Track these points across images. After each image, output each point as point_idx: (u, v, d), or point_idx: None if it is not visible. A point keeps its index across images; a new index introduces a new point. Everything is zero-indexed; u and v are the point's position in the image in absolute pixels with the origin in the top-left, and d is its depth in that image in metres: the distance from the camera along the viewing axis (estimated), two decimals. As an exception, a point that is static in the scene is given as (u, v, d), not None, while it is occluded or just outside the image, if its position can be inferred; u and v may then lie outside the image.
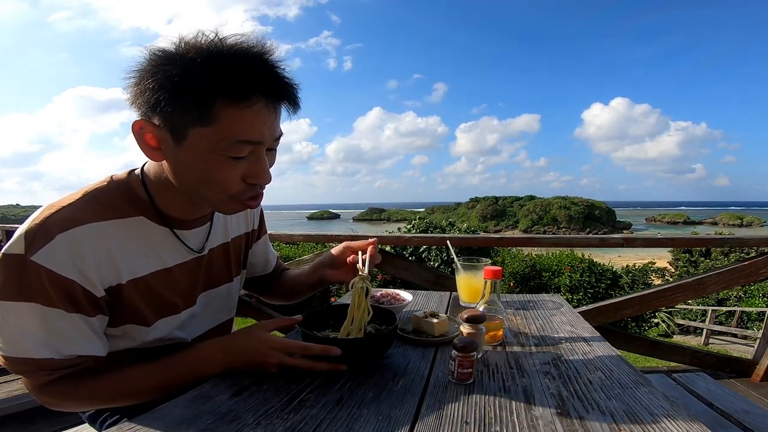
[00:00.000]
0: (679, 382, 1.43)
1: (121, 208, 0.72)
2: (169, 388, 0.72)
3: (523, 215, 73.92)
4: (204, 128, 0.64)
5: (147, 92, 0.64)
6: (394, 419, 0.60)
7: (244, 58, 0.64)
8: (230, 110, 0.64)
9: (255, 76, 0.65)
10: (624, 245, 2.45)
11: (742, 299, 8.72)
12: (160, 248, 0.77)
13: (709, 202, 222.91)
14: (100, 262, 0.67)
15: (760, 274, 2.28)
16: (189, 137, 0.66)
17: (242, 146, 0.67)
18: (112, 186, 0.74)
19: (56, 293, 0.63)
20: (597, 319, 2.31)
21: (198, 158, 0.67)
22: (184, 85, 0.63)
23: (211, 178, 0.69)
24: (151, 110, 0.66)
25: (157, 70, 0.63)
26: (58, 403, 0.70)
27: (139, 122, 0.67)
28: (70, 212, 0.67)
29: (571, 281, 6.08)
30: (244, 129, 0.66)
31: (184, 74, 0.62)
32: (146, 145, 0.68)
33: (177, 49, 0.64)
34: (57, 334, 0.65)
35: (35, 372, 0.67)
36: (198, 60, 0.62)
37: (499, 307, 0.90)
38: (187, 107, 0.64)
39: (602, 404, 0.64)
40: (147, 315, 0.75)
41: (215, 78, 0.63)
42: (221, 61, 0.63)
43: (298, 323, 0.82)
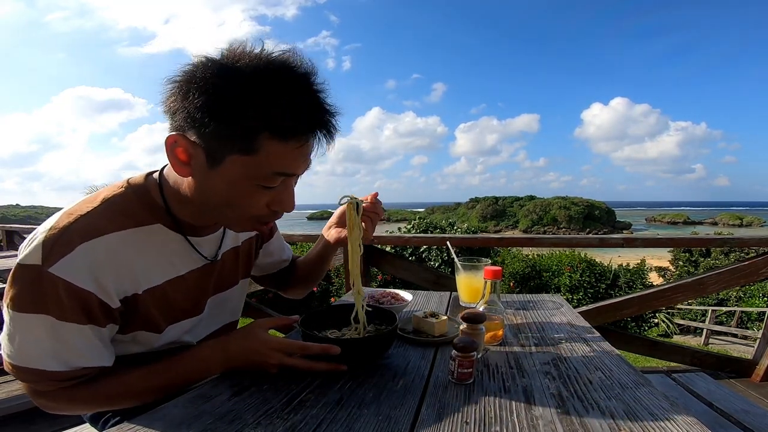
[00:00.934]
0: (679, 382, 1.43)
1: (139, 216, 0.71)
2: (169, 389, 0.72)
3: (523, 215, 73.92)
4: (243, 156, 0.63)
5: (191, 108, 0.62)
6: (394, 419, 0.60)
7: (295, 93, 0.63)
8: (274, 144, 0.63)
9: (304, 114, 0.63)
10: (624, 245, 2.45)
11: (742, 299, 8.72)
12: (175, 255, 0.76)
13: (709, 202, 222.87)
14: (118, 273, 0.66)
15: (760, 274, 2.28)
16: (225, 163, 0.64)
17: (277, 177, 0.67)
18: (129, 192, 0.72)
19: (71, 305, 0.62)
20: (597, 319, 2.32)
21: (229, 183, 0.66)
22: (233, 114, 0.61)
23: (237, 203, 0.68)
24: (189, 126, 0.63)
25: (206, 89, 0.61)
26: (56, 407, 0.70)
27: (174, 137, 0.64)
28: (90, 221, 0.65)
29: (571, 281, 6.08)
30: (284, 163, 0.65)
31: (235, 103, 0.61)
32: (176, 158, 0.66)
33: (228, 69, 0.62)
34: (67, 346, 0.64)
35: (41, 381, 0.66)
36: (252, 91, 0.61)
37: (499, 307, 0.90)
38: (231, 135, 0.62)
39: (602, 404, 0.64)
40: (159, 322, 0.75)
41: (267, 113, 0.61)
42: (274, 95, 0.62)
43: (298, 323, 0.82)
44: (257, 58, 0.63)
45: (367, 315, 0.91)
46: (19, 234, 4.70)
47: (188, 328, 0.81)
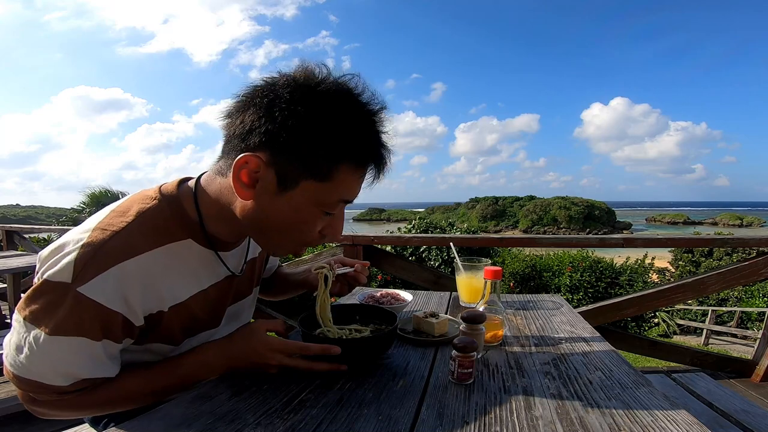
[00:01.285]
0: (679, 382, 1.43)
1: (172, 231, 0.69)
2: (169, 392, 0.71)
3: (523, 215, 73.91)
4: (317, 183, 0.64)
5: (274, 129, 0.61)
6: (394, 419, 0.60)
7: (373, 126, 0.66)
8: (347, 173, 0.65)
9: (377, 148, 0.67)
10: (624, 245, 2.45)
11: (742, 299, 8.72)
12: (202, 270, 0.75)
13: (709, 202, 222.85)
14: (148, 292, 0.65)
15: (760, 274, 2.28)
16: (297, 188, 0.64)
17: (340, 204, 0.69)
18: (163, 204, 0.70)
19: (93, 325, 0.61)
20: (597, 319, 2.32)
21: (295, 208, 0.66)
22: (320, 140, 0.62)
23: (298, 228, 0.69)
24: (266, 147, 0.63)
25: (295, 111, 0.61)
26: (51, 414, 0.68)
27: (247, 157, 0.63)
28: (126, 240, 0.63)
29: (571, 281, 6.08)
30: (350, 191, 0.68)
31: (323, 129, 0.62)
32: (240, 181, 0.65)
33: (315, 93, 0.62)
34: (74, 362, 0.63)
35: (40, 393, 0.64)
36: (338, 119, 0.63)
37: (499, 307, 0.90)
38: (312, 161, 0.63)
39: (602, 404, 0.64)
40: (178, 336, 0.74)
41: (350, 143, 0.64)
42: (357, 126, 0.64)
43: (298, 323, 0.82)
44: (337, 85, 0.64)
45: (367, 315, 0.91)
46: (19, 234, 4.70)
47: (204, 339, 0.80)
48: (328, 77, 0.65)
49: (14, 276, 3.06)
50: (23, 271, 3.23)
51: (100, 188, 9.94)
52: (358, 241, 2.50)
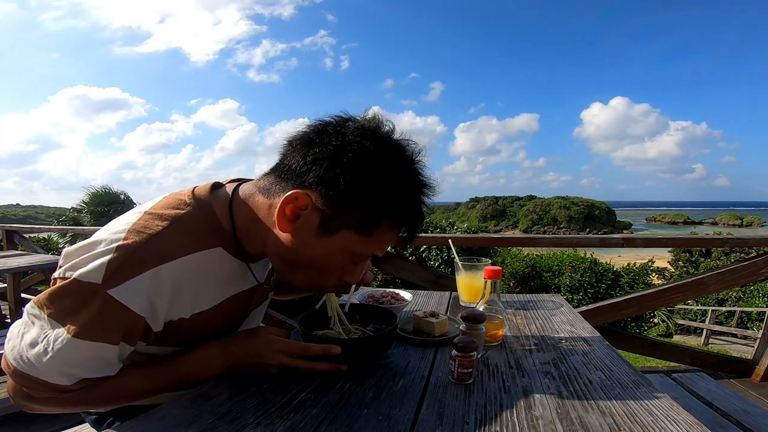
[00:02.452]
0: (679, 382, 1.43)
1: (203, 239, 0.68)
2: (168, 389, 0.71)
3: (523, 215, 73.91)
4: (357, 235, 0.66)
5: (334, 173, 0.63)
6: (394, 419, 0.60)
7: (421, 197, 0.69)
8: (386, 231, 0.68)
9: (417, 216, 0.70)
10: (624, 245, 2.45)
11: (742, 299, 8.72)
12: (229, 280, 0.74)
13: (709, 202, 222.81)
14: (174, 299, 0.65)
15: (760, 274, 2.28)
16: (338, 235, 0.66)
17: (369, 257, 0.71)
18: (197, 211, 0.69)
19: (115, 328, 0.61)
20: (597, 319, 2.32)
21: (328, 253, 0.67)
22: (375, 197, 0.64)
23: (324, 270, 0.70)
24: (318, 188, 0.64)
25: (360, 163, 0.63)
26: (44, 410, 0.68)
27: (297, 194, 0.64)
28: (161, 245, 0.63)
29: (571, 281, 6.08)
30: (383, 247, 0.71)
31: (382, 188, 0.64)
32: (283, 212, 0.65)
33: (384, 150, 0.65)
34: (82, 363, 0.62)
35: (38, 390, 0.63)
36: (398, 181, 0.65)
37: (499, 307, 0.90)
38: (360, 213, 0.65)
39: (602, 404, 0.64)
40: (193, 342, 0.73)
41: (401, 208, 0.67)
42: (412, 194, 0.68)
43: (298, 323, 0.82)
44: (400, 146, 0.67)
45: (367, 315, 0.91)
46: (19, 234, 4.69)
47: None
48: (392, 134, 0.67)
49: (14, 276, 3.06)
50: (23, 271, 3.23)
51: (101, 188, 9.94)
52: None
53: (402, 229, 0.70)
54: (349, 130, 0.64)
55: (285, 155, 0.69)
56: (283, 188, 0.67)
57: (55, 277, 0.62)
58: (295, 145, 0.67)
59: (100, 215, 9.05)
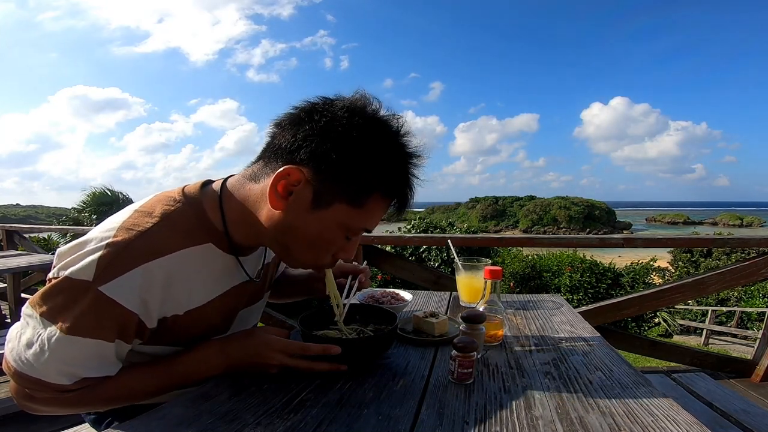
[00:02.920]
0: (679, 382, 1.43)
1: (194, 235, 0.69)
2: (168, 389, 0.71)
3: (523, 215, 73.91)
4: (349, 207, 0.67)
5: (325, 147, 0.64)
6: (394, 419, 0.60)
7: (410, 167, 0.70)
8: (377, 203, 0.69)
9: (407, 186, 0.71)
10: (624, 245, 2.45)
11: (742, 299, 8.72)
12: (221, 275, 0.75)
13: (709, 202, 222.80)
14: (166, 295, 0.66)
15: (760, 274, 2.28)
16: (330, 209, 0.67)
17: (362, 231, 0.72)
18: (186, 207, 0.70)
19: (109, 324, 0.61)
20: (597, 319, 2.32)
21: (323, 227, 0.68)
22: (365, 167, 0.65)
23: (319, 246, 0.71)
24: (310, 163, 0.64)
25: (349, 135, 0.64)
26: (45, 411, 0.68)
27: (290, 169, 0.64)
28: (150, 241, 0.63)
29: (571, 281, 6.08)
30: (374, 220, 0.72)
31: (371, 159, 0.65)
32: (275, 191, 0.66)
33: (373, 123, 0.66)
34: (84, 364, 0.63)
35: (39, 391, 0.63)
36: (387, 153, 0.67)
37: (499, 307, 0.90)
38: (352, 185, 0.66)
39: (602, 404, 0.64)
40: (189, 340, 0.73)
41: (391, 178, 0.68)
42: (400, 164, 0.68)
43: (298, 323, 0.82)
44: (388, 120, 0.68)
45: (367, 315, 0.91)
46: (20, 234, 4.69)
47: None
48: (380, 110, 0.69)
49: (14, 276, 3.06)
50: (23, 271, 3.23)
51: (101, 188, 9.94)
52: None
53: (393, 201, 0.71)
54: (338, 107, 0.66)
55: (273, 136, 0.69)
56: (273, 168, 0.67)
57: (49, 277, 0.63)
58: (283, 126, 0.68)
59: (101, 215, 9.05)
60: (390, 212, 0.74)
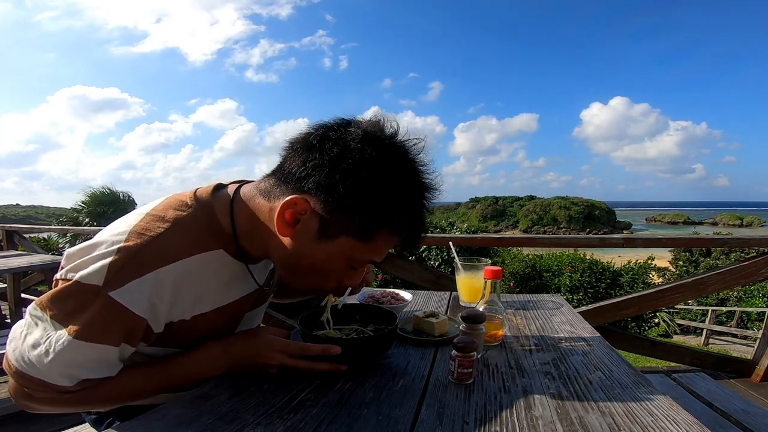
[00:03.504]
0: (679, 382, 1.43)
1: (205, 241, 0.69)
2: (169, 389, 0.71)
3: (523, 215, 73.90)
4: (355, 241, 0.66)
5: (334, 180, 0.62)
6: (394, 419, 0.60)
7: (422, 206, 0.69)
8: (385, 238, 0.68)
9: (418, 221, 0.69)
10: (624, 245, 2.45)
11: (742, 299, 8.72)
12: (231, 282, 0.75)
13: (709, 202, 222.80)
14: (175, 300, 0.65)
15: (760, 274, 2.28)
16: (336, 241, 0.66)
17: (367, 263, 0.72)
18: (198, 213, 0.69)
19: (116, 329, 0.61)
20: (597, 319, 2.32)
21: (327, 257, 0.68)
22: (374, 204, 0.64)
23: (324, 274, 0.71)
24: (317, 193, 0.64)
25: (360, 170, 0.62)
26: (45, 410, 0.68)
27: (296, 199, 0.64)
28: (162, 247, 0.63)
29: (571, 281, 6.08)
30: (381, 254, 0.71)
31: (381, 196, 0.64)
32: (282, 217, 0.66)
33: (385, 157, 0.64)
34: (84, 365, 0.62)
35: (39, 391, 0.63)
36: (398, 190, 0.65)
37: (499, 307, 0.90)
38: (359, 220, 0.64)
39: (602, 404, 0.64)
40: (192, 343, 0.73)
41: (401, 217, 0.66)
42: (412, 203, 0.67)
43: (298, 323, 0.82)
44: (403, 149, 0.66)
45: (367, 315, 0.91)
46: (19, 234, 4.69)
47: None
48: (395, 136, 0.66)
49: (14, 276, 3.06)
50: (23, 271, 3.23)
51: (101, 188, 9.94)
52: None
53: (402, 237, 0.70)
54: (351, 137, 0.64)
55: (286, 158, 0.69)
56: (283, 192, 0.67)
57: (57, 278, 0.63)
58: (295, 148, 0.67)
59: (101, 215, 9.04)
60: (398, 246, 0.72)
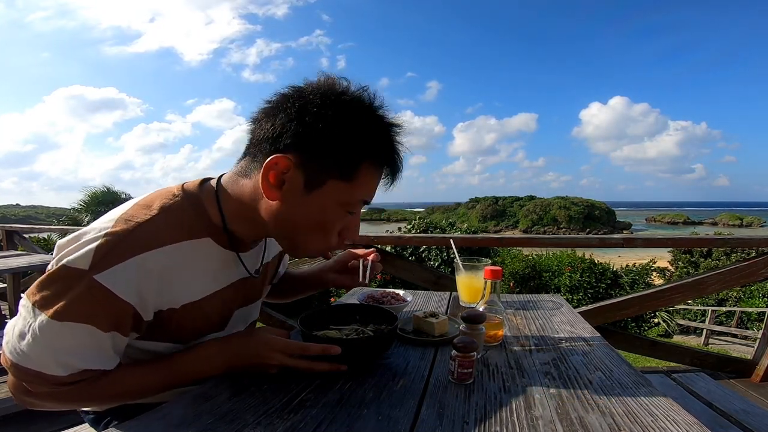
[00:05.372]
0: (679, 382, 1.43)
1: (192, 228, 0.70)
2: (167, 388, 0.71)
3: (523, 215, 73.92)
4: (341, 182, 0.68)
5: (304, 132, 0.65)
6: (394, 419, 0.60)
7: (392, 133, 0.71)
8: (368, 173, 0.69)
9: (393, 152, 0.71)
10: (624, 245, 2.45)
11: (742, 299, 8.72)
12: (219, 270, 0.75)
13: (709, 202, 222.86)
14: (162, 287, 0.66)
15: (760, 274, 2.28)
16: (324, 187, 0.67)
17: (361, 204, 0.73)
18: (185, 201, 0.71)
19: (104, 314, 0.61)
20: (597, 319, 2.32)
21: (321, 207, 0.69)
22: (346, 142, 0.66)
23: (322, 228, 0.71)
24: (296, 149, 0.65)
25: (324, 116, 0.65)
26: (44, 406, 0.68)
27: (277, 158, 0.65)
28: (148, 232, 0.64)
29: (571, 281, 6.08)
30: (369, 191, 0.72)
31: (350, 133, 0.66)
32: (268, 182, 0.67)
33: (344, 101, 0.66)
34: (79, 353, 0.62)
35: (36, 383, 0.64)
36: (363, 124, 0.67)
37: (499, 307, 0.90)
38: (338, 161, 0.66)
39: (602, 404, 0.64)
40: (187, 336, 0.74)
41: (373, 145, 0.68)
42: (379, 131, 0.69)
43: (298, 323, 0.82)
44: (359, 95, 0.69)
45: (367, 315, 0.92)
46: (19, 234, 4.69)
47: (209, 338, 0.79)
48: (349, 87, 0.69)
49: (14, 276, 3.06)
50: (23, 271, 3.23)
51: (101, 187, 9.94)
52: (358, 241, 2.50)
53: (384, 168, 0.72)
54: (308, 91, 0.67)
55: (253, 131, 0.70)
56: (260, 161, 0.68)
57: (48, 269, 0.63)
58: (259, 119, 0.69)
59: (101, 215, 9.04)
60: (386, 183, 0.74)
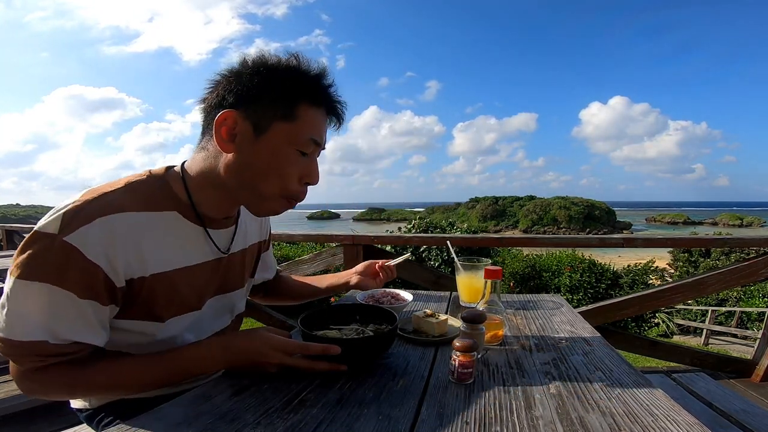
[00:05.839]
0: (679, 382, 1.43)
1: (158, 202, 0.74)
2: (165, 383, 0.72)
3: (523, 215, 73.93)
4: (285, 123, 0.73)
5: (244, 88, 0.72)
6: (394, 419, 0.60)
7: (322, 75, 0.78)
8: (308, 111, 0.75)
9: (324, 89, 0.78)
10: (624, 245, 2.45)
11: (741, 299, 8.72)
12: (189, 245, 0.78)
13: (709, 202, 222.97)
14: (129, 252, 0.68)
15: (760, 274, 2.28)
16: (270, 130, 0.73)
17: (311, 144, 0.76)
18: (150, 179, 0.76)
19: (76, 276, 0.63)
20: (597, 319, 2.32)
21: (272, 150, 0.74)
22: (279, 88, 0.73)
23: (278, 171, 0.75)
24: (240, 104, 0.72)
25: (258, 71, 0.73)
26: (45, 391, 0.69)
27: (225, 113, 0.72)
28: (112, 199, 0.68)
29: (571, 281, 6.08)
30: (315, 129, 0.77)
31: (281, 79, 0.73)
32: (221, 137, 0.73)
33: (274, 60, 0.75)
34: (58, 317, 0.64)
35: (27, 356, 0.65)
36: (292, 71, 0.75)
37: (499, 307, 0.90)
38: (276, 105, 0.73)
39: (602, 404, 0.64)
40: (162, 312, 0.75)
41: (302, 85, 0.75)
42: (308, 74, 0.76)
43: (298, 323, 0.82)
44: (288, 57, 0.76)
45: (367, 315, 0.92)
46: (19, 234, 4.69)
47: (188, 324, 0.81)
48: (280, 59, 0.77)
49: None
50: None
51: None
52: (358, 241, 2.50)
53: (321, 105, 0.77)
54: (240, 62, 0.75)
55: (203, 109, 0.77)
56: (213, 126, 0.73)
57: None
58: (205, 98, 0.76)
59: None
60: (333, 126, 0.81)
